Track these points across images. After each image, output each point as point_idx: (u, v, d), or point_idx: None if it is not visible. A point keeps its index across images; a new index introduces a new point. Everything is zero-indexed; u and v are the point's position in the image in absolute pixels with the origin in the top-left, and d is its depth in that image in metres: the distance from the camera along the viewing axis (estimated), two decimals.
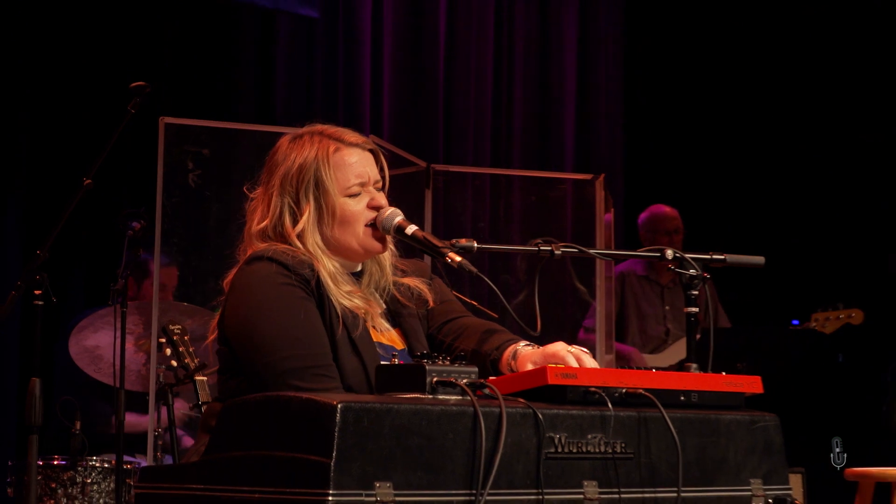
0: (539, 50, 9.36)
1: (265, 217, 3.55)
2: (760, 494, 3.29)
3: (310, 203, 3.50)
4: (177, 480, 2.94)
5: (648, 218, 8.06)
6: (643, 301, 7.96)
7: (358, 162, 3.55)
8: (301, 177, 3.51)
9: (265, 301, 3.35)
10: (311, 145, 3.54)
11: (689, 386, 3.25)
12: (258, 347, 3.33)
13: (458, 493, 2.78)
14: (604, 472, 3.01)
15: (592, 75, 9.58)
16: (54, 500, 6.27)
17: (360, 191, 3.53)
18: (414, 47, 8.76)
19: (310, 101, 8.20)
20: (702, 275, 3.60)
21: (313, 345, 3.32)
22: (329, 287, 3.42)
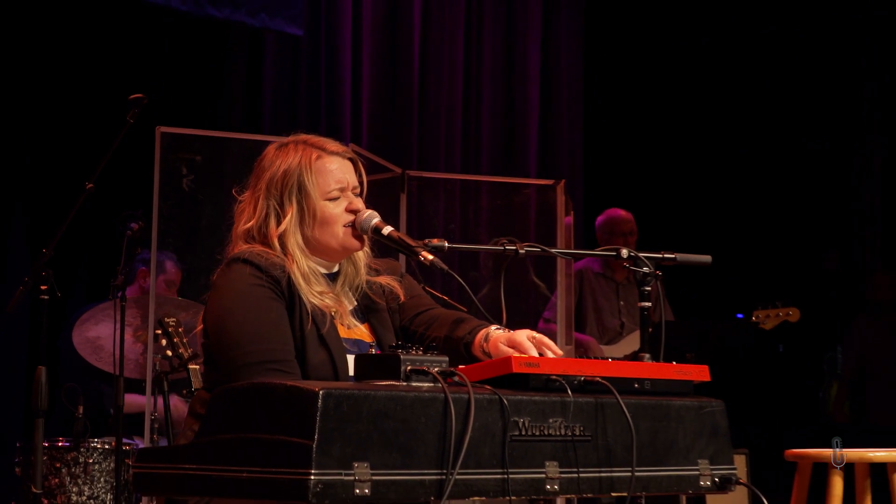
0: (505, 65, 9.37)
1: (251, 218, 3.56)
2: (707, 474, 3.29)
3: (293, 205, 3.51)
4: (171, 461, 2.93)
5: (605, 221, 8.07)
6: (600, 296, 7.98)
7: (338, 169, 3.56)
8: (285, 181, 3.52)
9: (235, 300, 3.38)
10: (295, 153, 3.55)
11: (642, 374, 3.26)
12: (224, 343, 3.36)
13: (430, 472, 2.78)
14: (564, 453, 3.01)
15: (554, 89, 9.59)
16: (59, 478, 6.26)
17: (339, 195, 3.54)
18: (390, 63, 8.76)
19: (294, 112, 8.19)
20: (654, 272, 3.60)
21: (274, 341, 3.33)
22: (301, 286, 3.43)
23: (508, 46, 9.40)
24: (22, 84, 7.39)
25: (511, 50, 9.40)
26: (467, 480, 2.83)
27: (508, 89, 9.38)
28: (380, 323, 3.63)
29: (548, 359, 3.20)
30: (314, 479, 2.62)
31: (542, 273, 7.70)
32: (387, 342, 3.56)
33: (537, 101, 9.46)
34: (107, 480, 6.29)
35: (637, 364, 3.33)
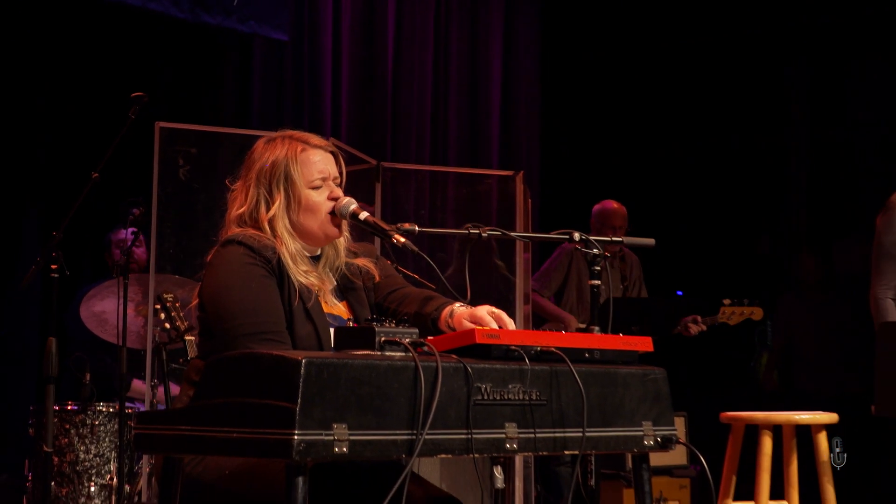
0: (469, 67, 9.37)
1: (243, 205, 3.57)
2: (651, 434, 3.30)
3: (280, 193, 3.52)
4: (168, 423, 2.93)
5: (600, 211, 8.02)
6: (584, 275, 7.94)
7: (321, 160, 3.57)
8: (273, 171, 3.53)
9: (232, 277, 3.39)
10: (282, 146, 3.56)
11: (592, 345, 3.26)
12: (221, 316, 3.37)
13: (402, 432, 2.78)
14: (522, 415, 3.02)
15: (514, 89, 9.60)
16: (68, 438, 6.26)
17: (321, 184, 3.55)
18: (366, 66, 8.76)
19: (280, 109, 8.19)
20: (603, 253, 3.61)
21: (266, 314, 3.35)
22: (289, 266, 3.45)
23: (472, 51, 9.40)
24: (35, 86, 7.39)
25: (475, 54, 9.41)
26: (435, 440, 2.84)
27: (472, 89, 9.38)
28: (357, 301, 3.64)
29: (507, 331, 3.20)
30: (297, 439, 2.62)
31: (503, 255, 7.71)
32: (363, 318, 3.58)
33: (499, 99, 9.47)
34: (111, 440, 6.30)
35: (588, 336, 3.34)
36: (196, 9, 7.43)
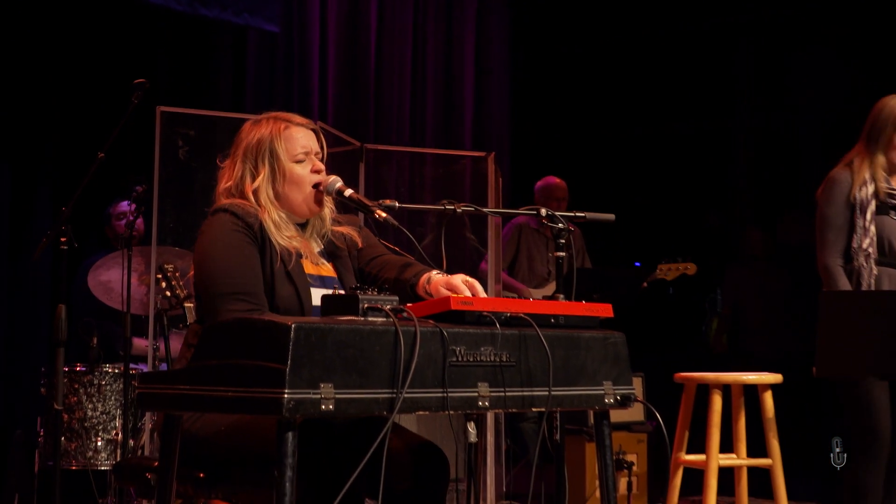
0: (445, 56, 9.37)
1: (230, 179, 3.58)
2: (611, 393, 3.30)
3: (265, 167, 3.53)
4: (169, 382, 2.92)
5: (543, 186, 8.05)
6: (533, 248, 7.98)
7: (303, 137, 3.58)
8: (259, 147, 3.54)
9: (215, 243, 3.41)
10: (267, 125, 3.58)
11: (557, 311, 3.26)
12: (204, 277, 3.40)
13: (383, 391, 2.77)
14: (493, 376, 3.01)
15: (486, 77, 9.60)
16: (77, 397, 6.25)
17: (304, 158, 3.56)
18: (351, 55, 8.74)
19: (272, 94, 8.17)
20: (567, 227, 3.60)
21: (244, 276, 3.36)
22: (272, 232, 3.46)
23: (448, 42, 9.39)
24: (46, 74, 7.35)
25: (450, 44, 9.40)
26: (414, 398, 2.83)
27: (448, 77, 9.38)
28: (342, 265, 3.65)
29: (480, 298, 3.19)
30: (287, 397, 2.61)
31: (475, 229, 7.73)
32: (347, 281, 3.59)
33: (472, 86, 9.46)
34: (116, 399, 6.29)
35: (553, 303, 3.33)
36: (194, 2, 7.43)
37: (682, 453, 4.80)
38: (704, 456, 4.61)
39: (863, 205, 4.84)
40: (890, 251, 4.87)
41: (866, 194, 4.86)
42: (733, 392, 4.80)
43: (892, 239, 4.89)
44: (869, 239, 4.83)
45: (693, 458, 4.72)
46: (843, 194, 4.92)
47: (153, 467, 3.47)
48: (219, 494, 3.48)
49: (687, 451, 4.84)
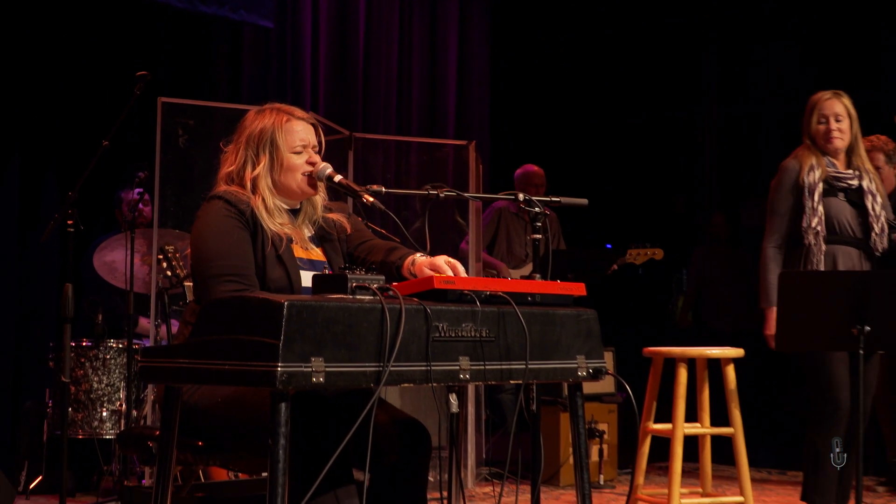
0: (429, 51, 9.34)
1: (232, 164, 3.57)
2: (584, 366, 3.31)
3: (266, 156, 3.52)
4: (169, 357, 2.91)
5: (523, 174, 8.05)
6: (512, 231, 7.97)
7: (302, 130, 3.56)
8: (261, 137, 3.53)
9: (209, 227, 3.41)
10: (270, 116, 3.56)
11: (534, 290, 3.26)
12: (198, 259, 3.40)
13: (371, 365, 2.78)
14: (474, 350, 3.01)
15: (467, 70, 9.57)
16: (83, 370, 6.25)
17: (302, 150, 3.55)
18: (341, 48, 8.72)
19: (266, 86, 8.14)
20: (543, 211, 3.60)
21: (235, 258, 3.35)
22: (264, 218, 3.45)
23: (432, 36, 9.37)
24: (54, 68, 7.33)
25: (434, 38, 9.38)
26: (399, 371, 2.83)
27: (432, 70, 9.36)
28: (332, 249, 3.64)
29: (461, 277, 3.20)
30: (280, 371, 2.61)
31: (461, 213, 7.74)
32: (336, 263, 3.59)
33: (454, 79, 9.44)
34: (120, 372, 6.28)
35: (530, 282, 3.34)
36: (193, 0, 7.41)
37: (650, 423, 4.82)
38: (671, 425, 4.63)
39: (810, 188, 4.97)
40: (840, 230, 4.97)
41: (814, 178, 4.99)
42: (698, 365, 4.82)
43: (840, 218, 5.00)
44: (817, 218, 4.95)
45: (660, 427, 4.74)
46: (790, 181, 5.05)
47: (155, 436, 3.47)
48: (216, 462, 3.48)
49: (654, 421, 4.85)
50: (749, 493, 4.66)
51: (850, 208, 5.00)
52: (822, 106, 5.06)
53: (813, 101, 5.11)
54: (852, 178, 5.03)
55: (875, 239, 4.97)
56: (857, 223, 5.00)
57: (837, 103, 5.04)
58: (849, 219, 4.99)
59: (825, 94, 5.09)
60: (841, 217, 4.98)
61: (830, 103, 5.04)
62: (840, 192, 5.01)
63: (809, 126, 5.10)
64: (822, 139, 5.03)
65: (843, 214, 4.98)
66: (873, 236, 4.97)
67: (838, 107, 5.04)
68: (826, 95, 5.08)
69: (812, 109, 5.10)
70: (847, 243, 4.98)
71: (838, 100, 5.05)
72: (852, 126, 5.05)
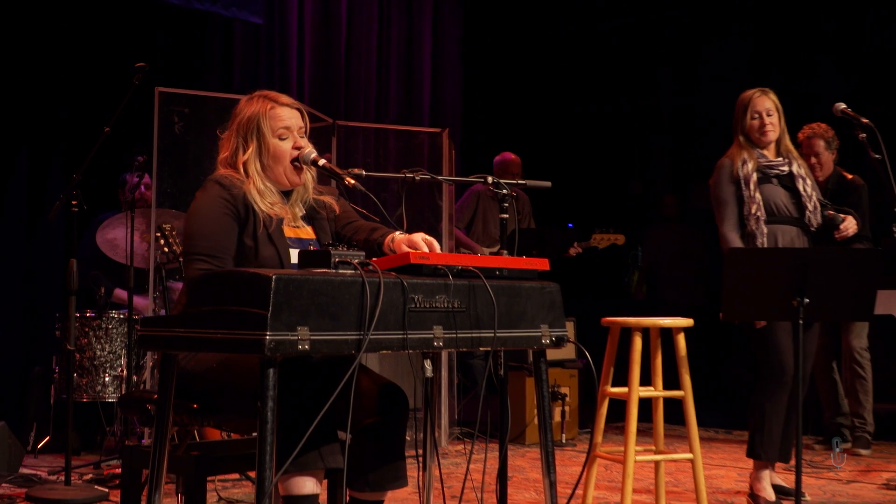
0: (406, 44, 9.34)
1: (227, 150, 3.54)
2: (547, 335, 3.32)
3: (253, 142, 3.49)
4: (167, 326, 2.90)
5: (501, 161, 8.06)
6: (489, 212, 7.98)
7: (287, 115, 3.53)
8: (249, 124, 3.50)
9: (199, 209, 3.39)
10: (256, 104, 3.53)
11: (501, 265, 3.26)
12: (185, 238, 3.40)
13: (352, 333, 2.77)
14: (446, 320, 3.01)
15: (441, 63, 9.57)
16: (87, 339, 6.22)
17: (287, 135, 3.51)
18: (325, 43, 8.70)
19: (256, 77, 8.12)
20: (510, 193, 3.60)
21: (211, 240, 3.32)
22: (256, 200, 3.42)
23: (409, 31, 9.36)
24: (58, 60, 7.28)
25: (411, 33, 9.36)
26: (378, 339, 2.83)
27: (409, 62, 9.34)
28: (320, 228, 3.62)
29: (435, 253, 3.19)
30: (269, 339, 2.60)
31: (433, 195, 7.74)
32: (324, 241, 3.57)
33: (429, 71, 9.43)
34: (121, 341, 6.26)
35: (498, 257, 3.33)
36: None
37: (608, 386, 4.83)
38: (627, 389, 4.64)
39: (746, 179, 5.06)
40: (777, 211, 5.05)
41: (747, 170, 5.07)
42: (651, 334, 4.83)
43: (777, 201, 5.08)
44: (756, 205, 5.02)
45: (617, 390, 4.75)
46: (727, 175, 5.12)
47: (153, 400, 3.46)
48: (210, 423, 3.47)
49: (612, 385, 4.86)
50: (698, 451, 4.69)
51: (784, 191, 5.08)
52: (754, 103, 5.13)
53: (744, 99, 5.17)
54: (783, 165, 5.11)
55: (809, 216, 5.05)
56: (791, 204, 5.07)
57: (767, 100, 5.12)
58: (784, 201, 5.06)
59: (754, 91, 5.16)
60: (777, 200, 5.06)
61: (761, 100, 5.12)
62: (774, 178, 5.10)
63: (743, 122, 5.16)
64: (757, 133, 5.11)
65: (779, 197, 5.06)
66: (807, 214, 5.05)
67: (768, 103, 5.12)
68: (756, 93, 5.15)
69: (745, 107, 5.16)
70: (785, 222, 5.05)
71: (767, 96, 5.13)
72: (780, 119, 5.13)
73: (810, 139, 6.48)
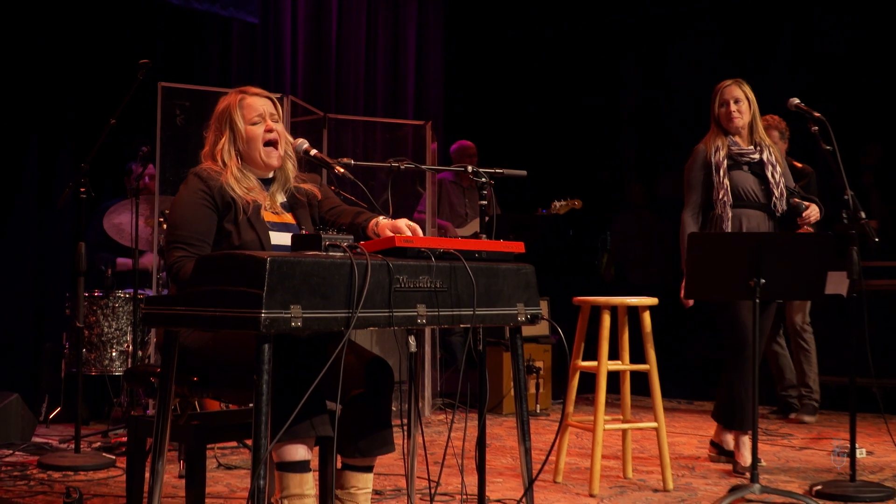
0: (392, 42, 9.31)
1: (208, 143, 3.57)
2: (523, 312, 3.32)
3: (227, 131, 3.51)
4: (168, 305, 2.89)
5: (458, 148, 8.10)
6: (453, 196, 8.00)
7: (258, 103, 3.54)
8: (222, 116, 3.53)
9: (180, 200, 3.41)
10: (230, 97, 3.57)
11: (480, 248, 3.26)
12: (167, 227, 3.43)
13: (341, 311, 2.77)
14: (429, 299, 3.01)
15: (425, 59, 9.54)
16: (95, 317, 6.21)
17: (259, 121, 3.52)
18: (316, 41, 8.67)
19: (252, 73, 8.09)
20: (489, 181, 3.60)
21: (188, 229, 3.34)
22: (234, 187, 3.42)
23: (395, 31, 9.33)
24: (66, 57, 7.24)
25: (396, 34, 9.33)
26: (366, 317, 2.83)
27: (394, 59, 9.32)
28: (302, 214, 3.61)
29: (419, 237, 3.19)
30: (264, 316, 2.60)
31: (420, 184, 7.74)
32: (306, 226, 3.57)
33: (413, 68, 9.41)
34: (127, 318, 6.25)
35: (477, 241, 3.33)
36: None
37: (579, 360, 4.85)
38: (596, 362, 4.66)
39: (717, 165, 5.07)
40: (745, 196, 5.06)
41: (719, 157, 5.08)
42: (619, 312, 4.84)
43: (745, 187, 5.09)
44: (724, 190, 5.04)
45: (587, 364, 4.77)
46: (700, 161, 5.13)
47: (156, 373, 3.45)
48: (209, 394, 3.47)
49: (582, 359, 4.88)
50: (662, 420, 4.71)
51: (753, 178, 5.09)
52: (723, 92, 5.15)
53: (717, 89, 5.19)
54: (753, 153, 5.11)
55: (775, 202, 5.07)
56: (759, 190, 5.08)
57: (737, 89, 5.13)
58: (752, 187, 5.07)
59: (727, 81, 5.19)
60: (745, 186, 5.06)
61: (730, 89, 5.14)
62: (744, 165, 5.10)
63: (714, 110, 5.17)
64: (725, 120, 5.12)
65: (748, 184, 5.07)
66: (774, 200, 5.06)
67: (737, 92, 5.13)
68: (727, 83, 5.17)
69: (715, 96, 5.18)
70: (752, 207, 5.06)
71: (738, 86, 5.14)
72: (751, 107, 5.14)
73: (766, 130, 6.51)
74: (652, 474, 5.00)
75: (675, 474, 4.97)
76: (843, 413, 6.83)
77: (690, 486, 4.73)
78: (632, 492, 4.62)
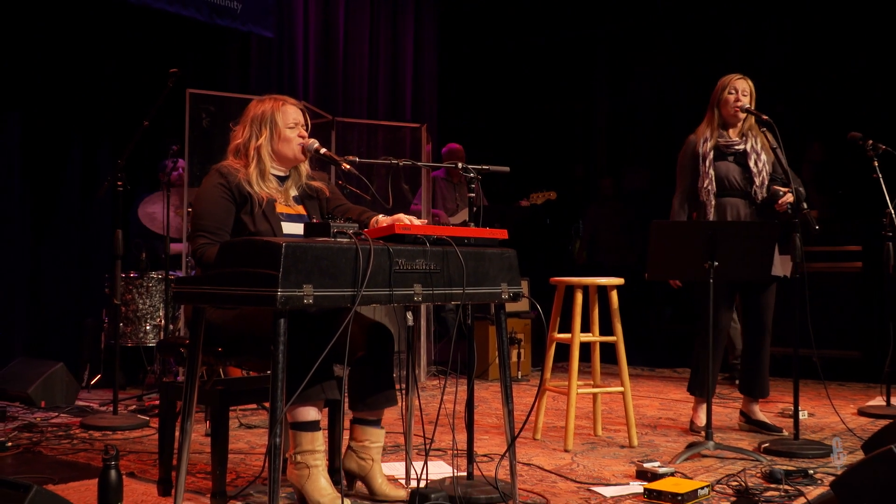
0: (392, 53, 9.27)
1: (239, 138, 3.55)
2: (506, 291, 3.32)
3: (267, 130, 3.50)
4: (196, 284, 2.89)
5: (449, 150, 8.10)
6: (445, 191, 8.01)
7: (294, 112, 3.55)
8: (262, 117, 3.52)
9: (203, 193, 3.40)
10: (269, 102, 3.56)
11: (469, 234, 3.26)
12: (192, 217, 3.41)
13: (348, 290, 2.77)
14: (425, 279, 3.02)
15: (420, 67, 9.51)
16: (131, 295, 6.21)
17: (294, 126, 3.54)
18: (325, 52, 8.64)
19: (268, 80, 8.06)
20: (476, 176, 3.60)
21: (209, 219, 3.33)
22: (254, 182, 3.43)
23: (394, 43, 9.30)
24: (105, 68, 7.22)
25: (395, 45, 9.30)
26: (369, 295, 2.83)
27: (394, 68, 9.29)
28: (311, 207, 3.63)
29: (416, 225, 3.19)
30: (280, 294, 2.60)
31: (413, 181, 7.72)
32: (316, 217, 3.58)
33: (411, 76, 9.39)
34: (160, 296, 6.24)
35: (466, 228, 3.34)
36: (213, 15, 7.31)
37: (555, 333, 4.86)
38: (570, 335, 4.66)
39: (703, 156, 4.95)
40: (729, 185, 4.96)
41: (706, 148, 4.96)
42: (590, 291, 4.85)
43: (729, 177, 4.97)
44: (708, 179, 4.92)
45: (562, 336, 4.78)
46: (690, 151, 5.02)
47: (185, 344, 3.45)
48: (232, 363, 3.47)
49: (558, 332, 4.89)
50: (627, 385, 4.72)
51: (736, 167, 4.94)
52: (734, 82, 4.96)
53: (726, 80, 5.00)
54: (739, 144, 4.95)
55: (756, 190, 4.92)
56: (742, 179, 4.94)
57: (745, 82, 4.97)
58: (736, 176, 4.94)
59: (736, 75, 5.01)
60: (730, 175, 4.94)
61: (741, 81, 4.96)
62: (730, 156, 4.97)
63: (720, 97, 4.98)
64: (730, 104, 4.94)
65: (732, 173, 4.94)
66: (754, 188, 4.92)
67: (745, 84, 4.96)
68: (737, 76, 4.99)
69: (725, 85, 4.98)
70: (734, 195, 4.95)
71: (745, 81, 4.98)
72: (751, 102, 4.98)
73: None
74: (619, 432, 5.02)
75: (640, 432, 4.99)
76: (788, 379, 6.86)
77: (653, 443, 4.75)
78: (601, 447, 4.63)
